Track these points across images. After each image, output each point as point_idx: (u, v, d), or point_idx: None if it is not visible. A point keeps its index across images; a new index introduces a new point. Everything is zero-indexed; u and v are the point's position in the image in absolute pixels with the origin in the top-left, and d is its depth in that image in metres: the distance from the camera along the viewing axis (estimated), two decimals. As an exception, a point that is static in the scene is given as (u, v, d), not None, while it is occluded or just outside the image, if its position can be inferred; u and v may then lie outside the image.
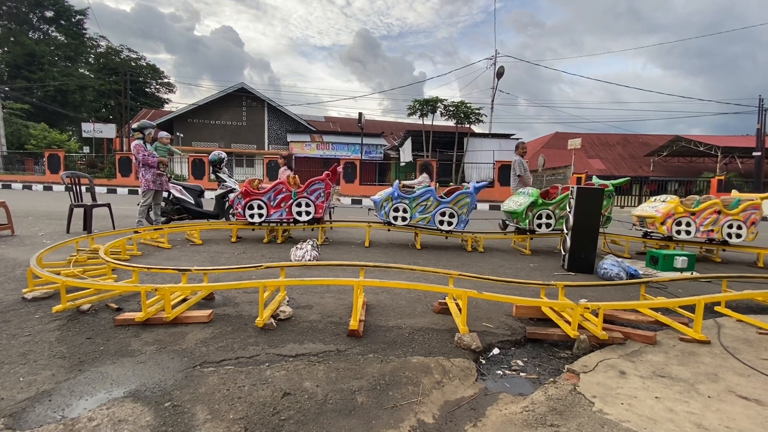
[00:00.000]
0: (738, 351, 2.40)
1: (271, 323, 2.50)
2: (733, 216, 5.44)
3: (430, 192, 5.69)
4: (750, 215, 5.44)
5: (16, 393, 1.71)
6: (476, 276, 3.07)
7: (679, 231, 5.51)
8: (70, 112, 35.22)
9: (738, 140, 26.59)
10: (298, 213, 5.73)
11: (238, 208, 5.55)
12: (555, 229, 5.71)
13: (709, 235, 5.53)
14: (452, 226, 5.66)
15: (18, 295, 2.94)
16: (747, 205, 5.46)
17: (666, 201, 5.71)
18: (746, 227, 5.44)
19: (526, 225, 5.65)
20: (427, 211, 5.66)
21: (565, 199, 5.60)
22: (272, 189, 5.69)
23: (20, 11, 35.61)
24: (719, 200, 5.56)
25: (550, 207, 5.62)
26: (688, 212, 5.51)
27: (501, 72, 22.78)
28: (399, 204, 5.64)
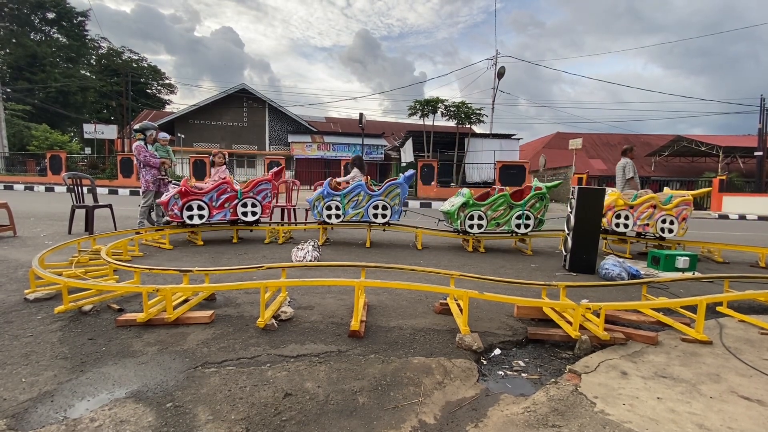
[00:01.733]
0: (740, 351, 2.39)
1: (272, 324, 2.50)
2: (667, 211, 5.54)
3: (360, 187, 5.72)
4: (682, 211, 5.56)
5: (19, 394, 1.71)
6: (477, 276, 3.07)
7: (618, 224, 5.56)
8: (72, 113, 35.31)
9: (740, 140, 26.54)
10: (244, 213, 5.61)
11: (174, 209, 5.13)
12: (487, 231, 5.71)
13: (644, 229, 5.63)
14: (387, 219, 5.71)
15: (20, 296, 2.95)
16: (679, 201, 5.57)
17: (607, 194, 5.74)
18: (678, 222, 5.54)
19: (458, 225, 5.68)
20: (360, 206, 5.70)
21: (497, 201, 5.62)
22: (215, 189, 5.44)
23: (22, 13, 35.72)
24: (655, 195, 5.66)
25: (482, 208, 5.62)
26: (627, 205, 5.57)
27: (502, 72, 22.76)
28: (330, 202, 5.66)
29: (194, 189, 5.37)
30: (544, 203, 5.69)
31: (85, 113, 37.43)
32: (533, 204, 5.65)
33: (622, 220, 5.56)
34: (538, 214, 5.65)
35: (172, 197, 5.14)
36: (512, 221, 5.62)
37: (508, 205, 5.64)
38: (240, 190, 5.57)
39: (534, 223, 5.65)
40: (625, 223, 5.57)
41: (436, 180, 18.78)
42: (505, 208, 5.64)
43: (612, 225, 5.56)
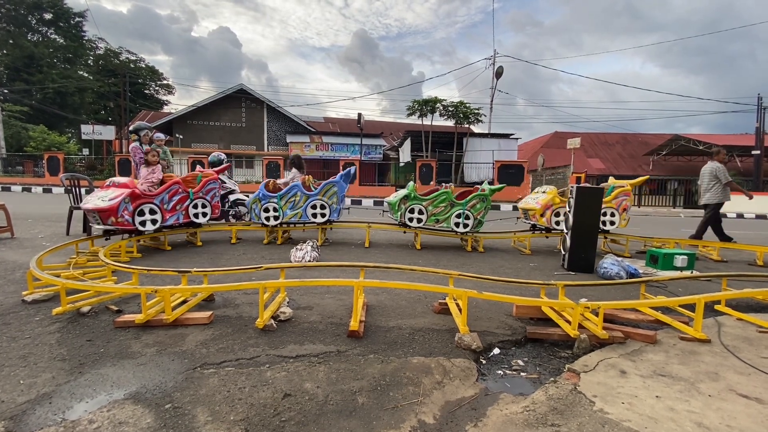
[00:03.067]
0: (738, 349, 2.40)
1: (271, 324, 2.50)
2: (607, 204, 5.53)
3: (296, 187, 5.68)
4: (621, 202, 5.57)
5: (17, 395, 1.71)
6: (476, 276, 3.07)
7: (558, 222, 5.56)
8: (69, 114, 35.19)
9: (737, 139, 26.62)
10: (195, 215, 5.34)
11: (124, 215, 4.42)
12: (426, 226, 5.71)
13: None
14: (325, 218, 5.71)
15: (18, 297, 2.94)
16: (618, 192, 5.58)
17: (545, 192, 5.75)
18: (619, 214, 5.55)
19: (398, 217, 5.70)
20: (298, 207, 5.67)
21: (439, 197, 5.63)
22: (166, 190, 4.99)
23: (19, 13, 35.59)
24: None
25: (424, 203, 5.62)
26: (566, 202, 5.53)
27: (500, 72, 22.79)
28: (268, 204, 5.59)
29: (147, 192, 4.80)
30: (485, 205, 5.73)
31: (82, 114, 37.31)
32: (474, 204, 5.68)
33: (561, 218, 5.55)
34: (477, 214, 5.68)
35: (122, 201, 4.41)
36: (452, 219, 5.63)
37: (450, 203, 5.66)
38: (191, 191, 5.26)
39: (473, 223, 5.67)
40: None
41: (434, 180, 18.78)
42: (446, 206, 5.66)
43: (552, 223, 5.56)
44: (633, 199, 5.69)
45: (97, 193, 4.52)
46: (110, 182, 4.68)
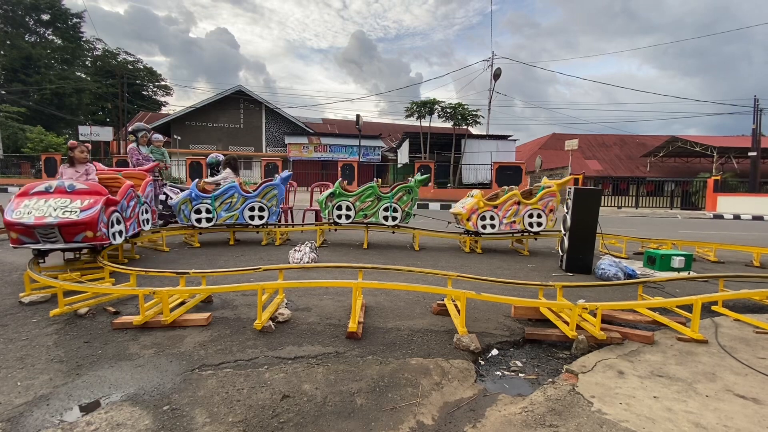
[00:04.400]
0: (735, 350, 2.41)
1: (269, 326, 2.50)
2: (533, 205, 5.57)
3: (234, 188, 5.48)
4: (548, 203, 5.58)
5: (14, 397, 1.70)
6: (474, 277, 3.08)
7: (484, 225, 5.59)
8: (67, 115, 35.10)
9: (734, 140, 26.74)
10: (143, 221, 4.67)
11: (101, 228, 3.49)
12: (354, 222, 5.73)
13: (512, 227, 5.63)
14: (263, 220, 5.62)
15: (15, 299, 2.93)
16: (544, 193, 5.60)
17: (473, 197, 5.78)
18: (545, 215, 5.57)
19: (326, 215, 5.71)
20: (234, 209, 5.47)
21: (365, 192, 5.66)
22: (125, 195, 4.10)
23: (16, 14, 35.52)
24: (517, 191, 5.68)
25: (350, 199, 5.63)
26: (491, 206, 5.61)
27: (498, 74, 22.88)
28: (200, 205, 5.31)
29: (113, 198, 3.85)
30: (412, 196, 5.76)
31: (80, 115, 37.22)
32: (400, 197, 5.71)
33: (488, 221, 5.57)
34: (405, 207, 5.71)
35: (101, 210, 3.48)
36: (380, 213, 5.66)
37: (376, 197, 5.69)
38: (140, 196, 4.57)
39: (401, 215, 5.69)
40: (492, 224, 5.57)
41: (433, 181, 18.81)
42: (373, 200, 5.68)
43: (478, 227, 5.58)
44: (560, 199, 5.70)
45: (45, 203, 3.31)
46: (55, 187, 3.46)
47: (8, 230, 3.26)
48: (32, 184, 3.48)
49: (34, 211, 3.27)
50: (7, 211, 3.27)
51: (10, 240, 3.32)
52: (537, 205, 5.56)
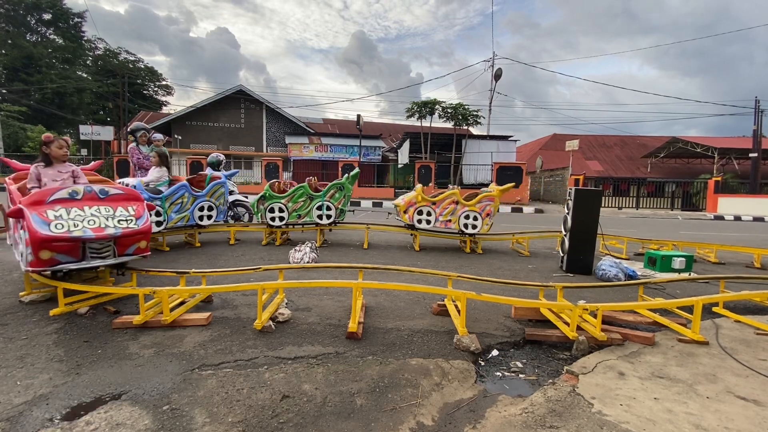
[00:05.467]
0: (736, 352, 2.40)
1: (269, 326, 2.50)
2: (470, 207, 5.60)
3: (184, 188, 5.10)
4: (485, 206, 5.62)
5: (14, 397, 1.70)
6: (475, 277, 3.07)
7: (420, 220, 5.62)
8: (68, 114, 35.13)
9: (735, 141, 26.71)
10: None
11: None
12: (289, 222, 5.71)
13: (447, 225, 5.67)
14: (212, 220, 5.50)
15: (15, 298, 2.93)
16: (483, 197, 5.64)
17: (414, 190, 5.81)
18: (482, 218, 5.60)
19: (259, 218, 5.69)
20: (185, 209, 5.13)
21: (297, 193, 5.66)
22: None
23: (18, 14, 35.57)
24: (457, 191, 5.72)
25: (282, 200, 5.61)
26: (429, 202, 5.63)
27: (498, 74, 22.85)
28: None
29: None
30: (344, 193, 5.78)
31: (81, 115, 37.25)
32: (333, 195, 5.73)
33: (424, 216, 5.61)
34: (338, 204, 5.74)
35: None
36: (313, 212, 5.67)
37: (308, 197, 5.69)
38: None
39: (335, 213, 5.71)
40: (428, 219, 5.61)
41: (433, 181, 18.80)
42: (305, 200, 5.69)
43: (414, 221, 5.61)
44: (498, 205, 5.73)
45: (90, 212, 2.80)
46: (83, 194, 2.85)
47: (41, 249, 2.49)
48: (44, 192, 2.73)
49: (81, 223, 2.67)
50: (36, 225, 2.49)
51: (34, 261, 2.50)
52: (474, 208, 5.60)
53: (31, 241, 2.46)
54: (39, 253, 2.49)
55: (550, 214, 15.06)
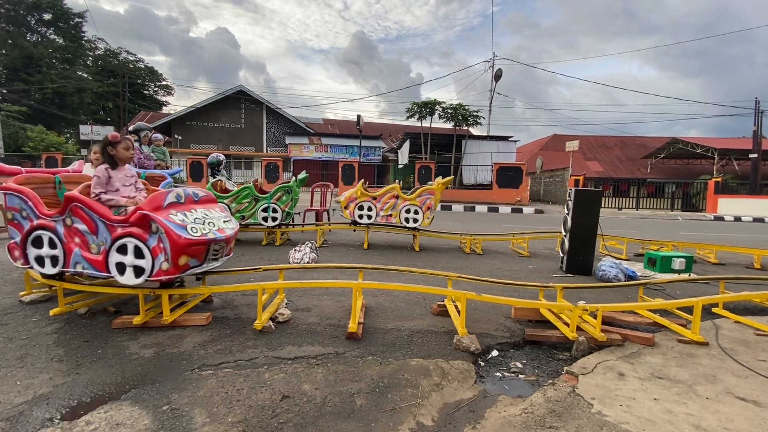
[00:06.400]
0: (736, 352, 2.40)
1: (269, 326, 2.50)
2: (411, 201, 5.63)
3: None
4: (426, 200, 5.66)
5: (14, 396, 1.70)
6: (475, 278, 3.07)
7: (361, 215, 5.65)
8: (68, 114, 35.15)
9: (735, 142, 26.73)
10: None
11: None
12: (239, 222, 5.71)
13: (388, 220, 5.70)
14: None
15: (15, 298, 2.93)
16: (422, 190, 5.68)
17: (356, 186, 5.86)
18: (422, 212, 5.64)
19: None
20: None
21: (241, 193, 5.64)
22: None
23: (18, 14, 35.59)
24: (396, 186, 5.76)
25: (225, 200, 5.56)
26: (370, 197, 5.67)
27: (499, 75, 22.87)
28: None
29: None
30: (291, 196, 5.76)
31: (81, 114, 37.27)
32: (280, 197, 5.71)
33: (365, 211, 5.63)
34: (285, 207, 5.73)
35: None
36: (258, 214, 5.64)
37: (254, 198, 5.67)
38: None
39: (281, 215, 5.69)
40: (369, 214, 5.63)
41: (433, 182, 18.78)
42: (250, 201, 5.67)
43: (355, 216, 5.63)
44: (439, 199, 5.78)
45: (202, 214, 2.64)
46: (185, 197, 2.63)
47: (181, 254, 2.35)
48: (159, 196, 2.47)
49: (202, 226, 2.52)
50: (177, 230, 2.33)
51: (171, 269, 2.33)
52: (415, 201, 5.64)
53: (173, 247, 2.30)
54: (178, 259, 2.35)
55: (550, 214, 15.06)
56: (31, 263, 2.54)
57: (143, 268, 2.33)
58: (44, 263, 2.52)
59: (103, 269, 2.40)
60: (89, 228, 2.44)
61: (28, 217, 2.53)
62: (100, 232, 2.42)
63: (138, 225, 2.34)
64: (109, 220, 2.40)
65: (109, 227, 2.40)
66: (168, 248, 2.30)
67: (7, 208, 2.54)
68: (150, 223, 2.32)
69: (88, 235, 2.44)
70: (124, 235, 2.34)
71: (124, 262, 2.36)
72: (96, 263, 2.42)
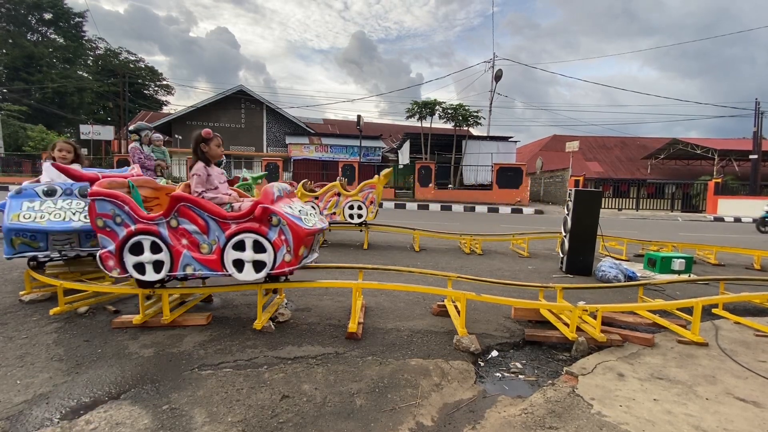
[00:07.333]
0: (735, 353, 2.40)
1: (269, 326, 2.50)
2: (353, 197, 5.66)
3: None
4: (368, 194, 5.70)
5: (14, 396, 1.70)
6: (474, 278, 3.07)
7: None
8: (69, 113, 35.14)
9: (735, 143, 26.73)
10: None
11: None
12: None
13: (332, 218, 5.72)
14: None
15: (15, 297, 2.93)
16: (364, 185, 5.71)
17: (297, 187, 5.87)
18: (366, 206, 5.68)
19: None
20: None
21: None
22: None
23: (19, 13, 35.60)
24: (337, 183, 5.78)
25: None
26: (311, 197, 5.69)
27: (499, 75, 22.87)
28: None
29: None
30: (250, 194, 5.72)
31: (81, 114, 37.25)
32: None
33: None
34: None
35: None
36: None
37: None
38: None
39: None
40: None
41: (433, 182, 18.80)
42: None
43: None
44: (381, 192, 5.84)
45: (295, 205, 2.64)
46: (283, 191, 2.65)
47: (301, 245, 2.38)
48: (270, 190, 2.45)
49: (306, 217, 2.53)
50: (297, 222, 2.37)
51: (293, 261, 2.36)
52: (357, 197, 5.67)
53: (295, 238, 2.32)
54: (299, 249, 2.37)
55: (549, 215, 15.06)
56: (129, 272, 2.37)
57: (264, 262, 2.32)
58: (145, 270, 2.36)
59: (218, 268, 2.35)
60: (199, 227, 2.34)
61: (123, 223, 2.34)
62: (211, 231, 2.35)
63: (259, 220, 2.32)
64: (222, 217, 2.34)
65: (221, 225, 2.34)
66: (290, 239, 2.32)
67: (98, 215, 2.35)
68: (270, 216, 2.31)
69: (198, 235, 2.35)
70: (241, 231, 2.31)
71: (242, 258, 2.32)
72: (209, 263, 2.35)
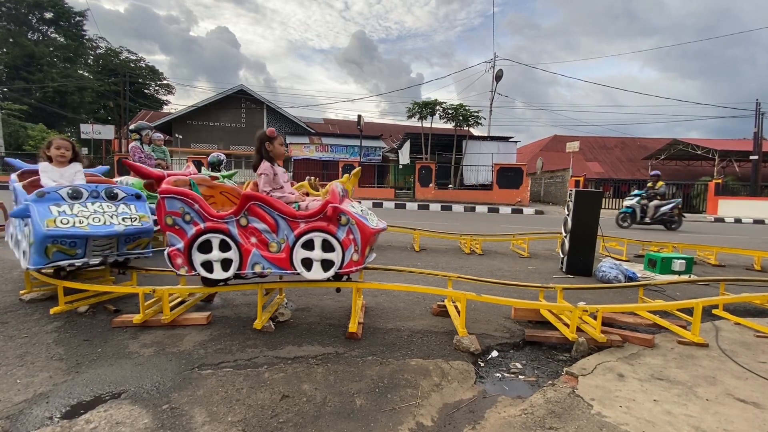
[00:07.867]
0: (736, 354, 2.40)
1: (269, 325, 2.50)
2: (322, 197, 5.58)
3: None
4: None
5: (14, 395, 1.70)
6: (475, 278, 3.07)
7: None
8: (69, 113, 35.16)
9: (735, 144, 26.73)
10: None
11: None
12: None
13: None
14: None
15: (15, 296, 2.93)
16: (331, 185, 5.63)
17: None
18: None
19: None
20: None
21: None
22: None
23: (19, 12, 35.63)
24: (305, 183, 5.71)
25: None
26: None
27: (500, 75, 22.87)
28: None
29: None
30: None
31: (82, 113, 37.27)
32: None
33: None
34: None
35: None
36: None
37: None
38: None
39: None
40: None
41: (434, 182, 18.81)
42: None
43: None
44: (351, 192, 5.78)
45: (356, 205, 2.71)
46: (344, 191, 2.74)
47: (367, 245, 2.43)
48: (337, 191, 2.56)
49: (369, 217, 2.59)
50: (365, 221, 2.43)
51: (360, 259, 2.38)
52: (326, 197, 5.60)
53: (363, 237, 2.36)
54: (366, 249, 2.42)
55: (550, 215, 15.06)
56: (197, 269, 2.40)
57: (332, 261, 2.34)
58: (212, 268, 2.39)
59: (287, 267, 2.36)
60: (269, 226, 2.36)
61: (192, 221, 2.37)
62: (280, 230, 2.37)
63: (329, 219, 2.35)
64: (292, 216, 2.37)
65: (291, 224, 2.37)
66: (359, 239, 2.35)
67: (167, 213, 2.37)
68: (340, 216, 2.35)
69: (267, 234, 2.37)
70: (310, 230, 2.34)
71: (311, 257, 2.34)
72: (279, 261, 2.36)
